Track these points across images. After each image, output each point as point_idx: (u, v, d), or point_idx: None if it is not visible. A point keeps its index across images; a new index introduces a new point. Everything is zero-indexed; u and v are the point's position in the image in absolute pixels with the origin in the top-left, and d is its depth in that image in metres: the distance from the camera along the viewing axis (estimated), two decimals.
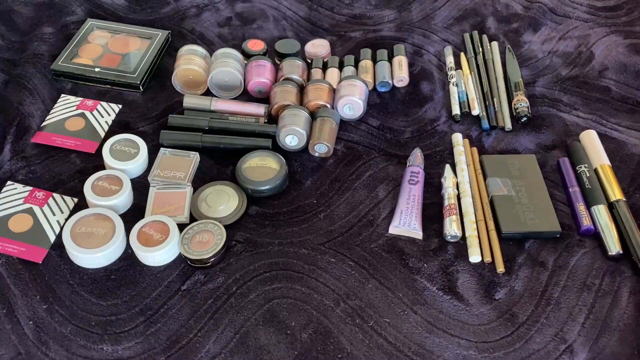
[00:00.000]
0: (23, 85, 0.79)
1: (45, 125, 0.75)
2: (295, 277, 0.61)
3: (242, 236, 0.65)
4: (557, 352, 0.56)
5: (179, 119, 0.75)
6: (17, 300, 0.59)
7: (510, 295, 0.60)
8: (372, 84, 0.81)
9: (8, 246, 0.63)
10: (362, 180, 0.70)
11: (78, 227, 0.63)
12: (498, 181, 0.69)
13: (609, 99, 0.79)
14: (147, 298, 0.60)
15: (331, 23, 0.91)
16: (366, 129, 0.76)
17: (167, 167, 0.70)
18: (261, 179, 0.68)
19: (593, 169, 0.70)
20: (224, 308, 0.59)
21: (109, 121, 0.76)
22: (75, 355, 0.56)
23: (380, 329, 0.58)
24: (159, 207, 0.66)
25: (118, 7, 0.92)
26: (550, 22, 0.91)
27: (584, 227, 0.64)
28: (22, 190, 0.68)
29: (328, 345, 0.57)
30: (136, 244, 0.61)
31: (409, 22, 0.91)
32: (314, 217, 0.67)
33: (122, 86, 0.80)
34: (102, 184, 0.67)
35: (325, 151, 0.72)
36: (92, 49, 0.84)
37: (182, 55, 0.80)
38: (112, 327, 0.58)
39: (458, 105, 0.78)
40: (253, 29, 0.90)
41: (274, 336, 0.57)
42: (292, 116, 0.72)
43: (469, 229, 0.64)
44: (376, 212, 0.67)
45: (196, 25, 0.90)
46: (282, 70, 0.79)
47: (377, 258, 0.63)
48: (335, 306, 0.59)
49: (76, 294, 0.60)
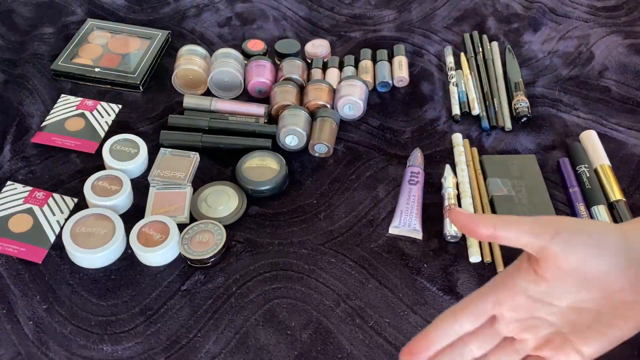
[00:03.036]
0: (23, 85, 0.79)
1: (45, 126, 0.75)
2: (295, 277, 0.61)
3: (242, 236, 0.65)
4: None
5: (179, 119, 0.75)
6: (17, 300, 0.59)
7: None
8: (372, 84, 0.81)
9: (8, 246, 0.63)
10: (362, 180, 0.70)
11: (78, 227, 0.63)
12: (498, 181, 0.69)
13: (609, 99, 0.79)
14: (147, 298, 0.60)
15: (331, 23, 0.91)
16: (366, 129, 0.76)
17: (167, 167, 0.70)
18: (261, 179, 0.68)
19: (593, 169, 0.70)
20: (224, 308, 0.59)
21: (108, 121, 0.76)
22: (75, 355, 0.56)
23: (380, 329, 0.58)
24: (159, 207, 0.66)
25: (118, 7, 0.92)
26: (550, 22, 0.91)
27: None
28: (22, 190, 0.68)
29: (328, 345, 0.57)
30: (136, 244, 0.61)
31: (409, 22, 0.91)
32: (314, 217, 0.67)
33: (122, 86, 0.80)
34: (102, 184, 0.67)
35: (325, 151, 0.72)
36: (92, 49, 0.84)
37: (182, 55, 0.80)
38: (112, 327, 0.58)
39: (458, 105, 0.78)
40: (253, 29, 0.90)
41: (274, 336, 0.57)
42: (292, 116, 0.72)
43: None
44: (376, 212, 0.67)
45: (196, 25, 0.90)
46: (282, 70, 0.79)
47: (377, 258, 0.63)
48: (335, 306, 0.59)
49: (76, 294, 0.60)
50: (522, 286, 0.42)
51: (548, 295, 0.41)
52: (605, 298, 0.40)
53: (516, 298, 0.42)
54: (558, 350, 0.42)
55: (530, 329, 0.42)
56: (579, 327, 0.41)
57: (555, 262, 0.39)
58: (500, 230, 0.41)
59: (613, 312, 0.40)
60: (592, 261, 0.39)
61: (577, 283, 0.40)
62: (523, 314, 0.42)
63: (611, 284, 0.39)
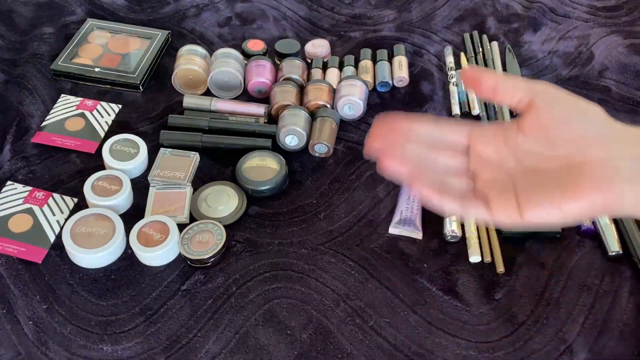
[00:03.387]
0: (23, 85, 0.79)
1: (45, 125, 0.75)
2: (295, 277, 0.61)
3: (242, 236, 0.65)
4: (556, 352, 0.56)
5: (179, 119, 0.75)
6: (17, 300, 0.59)
7: (510, 296, 0.60)
8: (372, 84, 0.81)
9: (8, 246, 0.63)
10: (362, 180, 0.70)
11: (78, 227, 0.63)
12: None
13: (609, 99, 0.79)
14: (147, 298, 0.60)
15: (331, 23, 0.91)
16: (366, 129, 0.76)
17: (167, 167, 0.70)
18: (261, 179, 0.68)
19: None
20: (223, 308, 0.59)
21: (108, 121, 0.76)
22: (75, 355, 0.56)
23: (380, 329, 0.58)
24: (159, 207, 0.66)
25: (118, 7, 0.92)
26: (550, 22, 0.91)
27: (584, 227, 0.64)
28: (22, 190, 0.68)
29: (328, 345, 0.57)
30: (136, 244, 0.61)
31: (409, 22, 0.91)
32: (314, 217, 0.67)
33: (122, 86, 0.80)
34: (102, 184, 0.67)
35: (325, 151, 0.72)
36: (92, 49, 0.84)
37: (182, 55, 0.80)
38: (112, 327, 0.58)
39: (458, 105, 0.78)
40: (253, 29, 0.90)
41: (274, 336, 0.57)
42: (292, 116, 0.72)
43: (469, 229, 0.64)
44: (376, 212, 0.67)
45: (196, 25, 0.90)
46: (282, 70, 0.79)
47: (377, 258, 0.63)
48: (335, 306, 0.59)
49: (76, 294, 0.60)
50: (502, 133, 0.44)
51: (520, 147, 0.43)
52: (571, 165, 0.40)
53: (494, 137, 0.44)
54: (503, 197, 0.42)
55: (491, 169, 0.44)
56: (533, 188, 0.41)
57: (537, 115, 0.41)
58: (500, 84, 0.43)
59: (572, 184, 0.40)
60: (571, 121, 0.41)
61: (549, 141, 0.41)
62: (492, 153, 0.44)
63: (582, 151, 0.40)
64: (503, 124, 0.45)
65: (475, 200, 0.42)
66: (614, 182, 0.39)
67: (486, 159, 0.44)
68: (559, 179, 0.40)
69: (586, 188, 0.39)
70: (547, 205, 0.40)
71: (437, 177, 0.44)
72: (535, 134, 0.42)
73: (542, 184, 0.41)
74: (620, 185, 0.38)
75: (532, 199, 0.41)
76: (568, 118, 0.41)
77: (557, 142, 0.41)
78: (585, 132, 0.40)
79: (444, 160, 0.45)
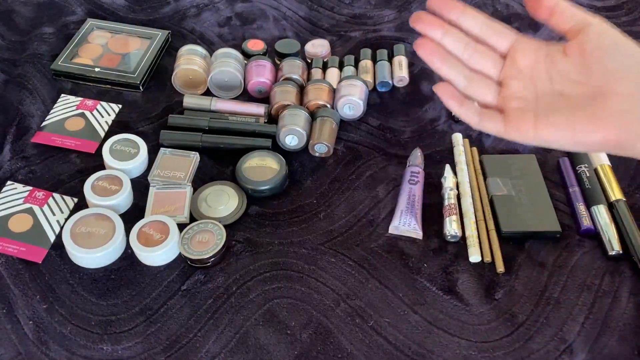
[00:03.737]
0: (23, 85, 0.79)
1: (45, 125, 0.75)
2: (295, 277, 0.61)
3: (242, 236, 0.65)
4: (556, 352, 0.56)
5: (179, 119, 0.75)
6: (17, 300, 0.59)
7: (510, 295, 0.60)
8: (372, 84, 0.81)
9: (8, 246, 0.63)
10: (362, 180, 0.70)
11: (78, 227, 0.63)
12: (498, 181, 0.69)
13: None
14: (147, 298, 0.60)
15: (331, 23, 0.91)
16: (366, 129, 0.76)
17: (167, 167, 0.70)
18: (261, 179, 0.68)
19: (593, 168, 0.70)
20: (223, 308, 0.59)
21: (108, 121, 0.76)
22: (75, 355, 0.56)
23: (380, 329, 0.58)
24: (159, 207, 0.66)
25: (118, 7, 0.92)
26: None
27: (584, 227, 0.64)
28: (22, 190, 0.68)
29: (328, 345, 0.57)
30: (136, 244, 0.61)
31: (409, 22, 0.91)
32: (314, 217, 0.67)
33: (122, 86, 0.80)
34: (102, 184, 0.67)
35: (325, 151, 0.72)
36: (92, 49, 0.84)
37: (182, 55, 0.80)
38: (112, 327, 0.58)
39: None
40: (253, 29, 0.90)
41: (274, 336, 0.57)
42: (292, 116, 0.72)
43: (469, 229, 0.64)
44: (376, 212, 0.67)
45: (196, 25, 0.90)
46: (282, 70, 0.79)
47: (377, 258, 0.63)
48: (335, 306, 0.59)
49: (76, 294, 0.60)
50: (545, 48, 0.45)
51: (556, 66, 0.43)
52: (597, 95, 0.41)
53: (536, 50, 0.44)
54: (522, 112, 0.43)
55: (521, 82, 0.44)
56: (554, 109, 0.42)
57: (584, 41, 0.42)
58: (560, 7, 0.44)
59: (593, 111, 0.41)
60: (613, 54, 0.41)
61: (586, 68, 0.42)
62: (528, 65, 0.44)
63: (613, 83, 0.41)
64: (548, 44, 0.45)
65: (491, 111, 0.43)
66: (633, 117, 0.39)
67: (520, 69, 0.44)
68: (582, 105, 0.41)
69: (605, 119, 0.40)
70: (562, 126, 0.41)
71: (466, 73, 0.44)
72: (576, 58, 0.43)
73: (564, 107, 0.42)
74: (637, 123, 0.39)
75: (550, 118, 0.42)
76: (610, 51, 0.42)
77: (593, 70, 0.42)
78: (621, 66, 0.41)
79: (478, 58, 0.45)
